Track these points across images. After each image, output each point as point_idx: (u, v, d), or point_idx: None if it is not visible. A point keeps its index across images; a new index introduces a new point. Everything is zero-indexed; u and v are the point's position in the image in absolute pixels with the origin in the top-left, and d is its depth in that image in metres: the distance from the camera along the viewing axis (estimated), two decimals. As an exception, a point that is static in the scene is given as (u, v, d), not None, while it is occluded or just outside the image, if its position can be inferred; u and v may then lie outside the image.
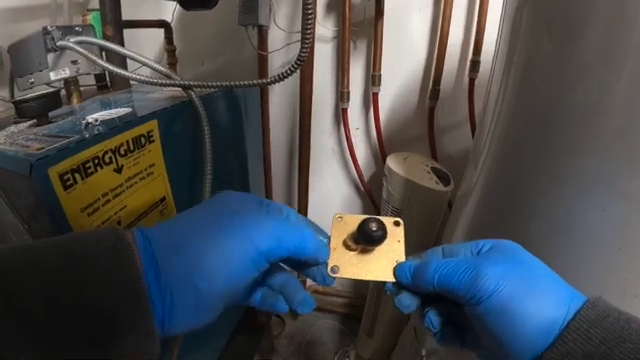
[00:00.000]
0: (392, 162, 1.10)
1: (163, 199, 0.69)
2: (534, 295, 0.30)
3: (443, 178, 1.05)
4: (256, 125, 1.15)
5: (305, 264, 0.38)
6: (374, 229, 0.35)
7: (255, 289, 0.38)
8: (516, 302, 0.30)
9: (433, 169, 1.09)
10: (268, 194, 1.40)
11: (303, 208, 1.37)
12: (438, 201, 1.03)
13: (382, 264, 0.37)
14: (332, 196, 1.48)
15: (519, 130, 0.52)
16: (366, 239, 0.36)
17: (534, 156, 0.49)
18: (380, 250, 0.38)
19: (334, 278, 0.37)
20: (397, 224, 0.39)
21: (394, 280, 0.36)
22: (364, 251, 0.38)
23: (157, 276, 0.29)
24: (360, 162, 1.35)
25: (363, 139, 1.35)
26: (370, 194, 1.39)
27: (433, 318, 0.36)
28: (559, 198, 0.47)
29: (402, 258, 0.37)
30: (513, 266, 0.32)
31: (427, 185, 1.01)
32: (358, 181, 1.39)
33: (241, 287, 0.32)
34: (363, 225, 0.36)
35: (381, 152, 1.30)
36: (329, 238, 0.39)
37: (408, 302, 0.36)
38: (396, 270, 0.37)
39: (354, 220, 0.39)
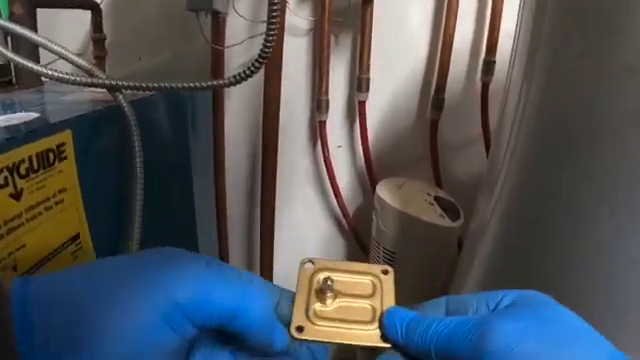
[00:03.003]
0: (384, 190, 1.11)
1: (76, 237, 0.67)
2: (560, 357, 0.29)
3: (450, 210, 1.06)
4: (206, 140, 1.14)
5: (256, 344, 0.35)
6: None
7: None
8: None
9: (437, 199, 1.10)
10: (221, 230, 1.38)
11: (267, 251, 1.35)
12: (444, 240, 1.04)
13: (366, 324, 0.37)
14: (306, 236, 1.47)
15: (544, 149, 0.53)
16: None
17: (564, 181, 0.50)
18: (364, 306, 0.38)
19: (300, 341, 0.35)
20: (385, 273, 0.40)
21: (381, 345, 0.36)
22: (342, 308, 0.38)
23: (28, 335, 0.29)
24: (343, 190, 1.36)
25: (346, 160, 1.36)
26: (356, 233, 1.39)
27: None
28: (601, 233, 0.47)
29: None
30: (536, 322, 0.31)
31: (429, 220, 1.02)
32: (340, 215, 1.39)
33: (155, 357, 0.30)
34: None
35: (370, 177, 1.31)
36: (294, 294, 0.38)
37: None
38: (384, 320, 0.36)
39: (329, 265, 0.40)
